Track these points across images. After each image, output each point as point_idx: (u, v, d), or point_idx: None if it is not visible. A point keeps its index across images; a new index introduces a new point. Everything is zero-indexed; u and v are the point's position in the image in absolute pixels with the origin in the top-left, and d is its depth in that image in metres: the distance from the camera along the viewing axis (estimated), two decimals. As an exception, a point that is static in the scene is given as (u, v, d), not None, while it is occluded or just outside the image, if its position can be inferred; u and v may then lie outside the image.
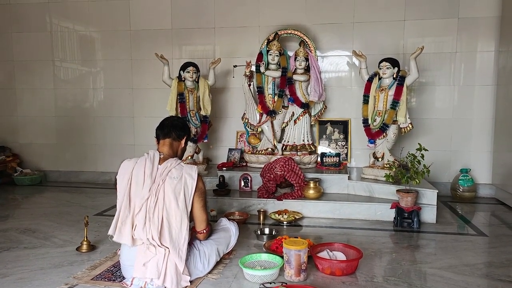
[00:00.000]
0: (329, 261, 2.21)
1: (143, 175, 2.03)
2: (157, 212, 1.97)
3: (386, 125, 3.49)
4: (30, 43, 4.79)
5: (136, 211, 1.99)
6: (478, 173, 4.09)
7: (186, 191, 2.03)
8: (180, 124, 2.27)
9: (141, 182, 2.02)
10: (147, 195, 1.99)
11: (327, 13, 4.22)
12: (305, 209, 3.31)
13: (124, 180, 2.05)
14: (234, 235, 2.36)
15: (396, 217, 3.09)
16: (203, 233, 2.16)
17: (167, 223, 1.97)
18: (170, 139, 2.21)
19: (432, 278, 2.15)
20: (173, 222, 1.99)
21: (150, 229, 1.95)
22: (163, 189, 2.00)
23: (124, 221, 1.99)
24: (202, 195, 2.10)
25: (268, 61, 3.93)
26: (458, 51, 4.05)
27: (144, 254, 1.96)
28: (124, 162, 2.12)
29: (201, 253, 2.14)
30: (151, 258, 1.95)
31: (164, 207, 1.98)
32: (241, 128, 4.31)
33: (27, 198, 4.13)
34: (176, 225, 1.98)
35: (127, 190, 2.02)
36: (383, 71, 3.47)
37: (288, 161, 3.47)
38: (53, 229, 3.01)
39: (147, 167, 2.04)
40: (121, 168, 2.10)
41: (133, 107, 4.66)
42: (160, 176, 2.03)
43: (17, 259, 2.43)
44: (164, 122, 2.28)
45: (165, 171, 2.04)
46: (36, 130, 4.90)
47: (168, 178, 2.02)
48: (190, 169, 2.09)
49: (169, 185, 2.01)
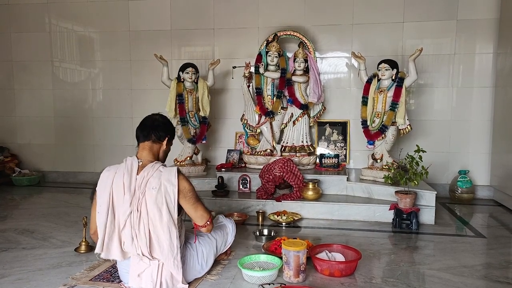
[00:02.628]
0: (328, 262, 2.21)
1: (123, 188, 1.89)
2: (142, 227, 1.86)
3: (385, 126, 3.49)
4: (29, 44, 4.79)
5: (121, 227, 1.88)
6: (477, 174, 4.10)
7: (168, 201, 1.89)
8: (161, 124, 2.06)
9: (121, 195, 1.89)
10: (128, 209, 1.87)
11: (326, 15, 4.23)
12: (304, 210, 3.32)
13: (105, 193, 1.91)
14: (232, 232, 2.34)
15: (395, 219, 3.10)
16: (207, 226, 2.04)
17: (155, 236, 1.88)
18: (149, 142, 2.02)
19: (431, 280, 2.16)
20: (161, 235, 1.87)
21: (139, 244, 1.87)
22: (145, 202, 1.87)
23: (111, 237, 1.89)
24: (189, 193, 1.95)
25: (267, 62, 3.94)
26: (457, 53, 4.07)
27: (137, 265, 1.90)
28: (103, 172, 1.97)
29: (199, 254, 2.11)
30: (145, 268, 1.90)
31: (150, 222, 1.87)
32: (240, 129, 4.31)
33: (26, 198, 4.12)
34: (165, 237, 1.87)
35: (110, 204, 1.89)
36: (382, 72, 3.48)
37: (287, 162, 3.47)
38: (51, 229, 3.01)
39: (125, 179, 1.90)
40: (100, 180, 1.95)
41: (132, 107, 4.66)
42: (139, 189, 1.89)
43: (15, 259, 2.42)
44: (145, 121, 2.07)
45: (143, 182, 1.90)
46: (34, 130, 4.89)
47: (147, 190, 1.88)
48: (169, 173, 1.92)
49: (149, 197, 1.87)
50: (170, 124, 2.13)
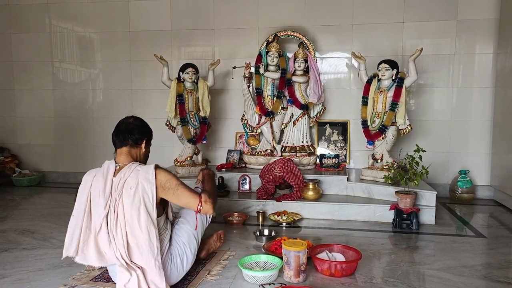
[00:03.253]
0: (328, 262, 2.21)
1: (98, 192, 1.86)
2: (119, 229, 1.82)
3: (385, 126, 3.50)
4: (29, 44, 4.79)
5: (97, 230, 1.84)
6: (477, 174, 4.10)
7: (146, 200, 1.84)
8: (136, 128, 2.01)
9: (97, 198, 1.86)
10: (103, 213, 1.83)
11: (326, 15, 4.23)
12: (304, 210, 3.32)
13: (83, 196, 1.89)
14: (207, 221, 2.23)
15: (395, 219, 3.10)
16: (202, 208, 1.93)
17: (132, 238, 1.83)
18: (127, 148, 1.98)
19: (431, 280, 2.16)
20: (140, 236, 1.82)
21: (117, 247, 1.82)
22: (122, 203, 1.83)
23: (86, 241, 1.84)
24: (167, 184, 1.88)
25: (267, 63, 3.94)
26: (457, 53, 4.07)
27: (122, 274, 1.82)
28: (84, 177, 1.95)
29: (172, 257, 1.99)
30: (129, 279, 1.81)
31: (127, 223, 1.82)
32: (240, 129, 4.31)
33: (26, 199, 4.13)
34: (144, 237, 1.82)
35: (87, 208, 1.86)
36: (382, 72, 3.48)
37: (287, 163, 3.47)
38: (51, 230, 3.01)
39: (100, 183, 1.87)
40: (82, 183, 1.93)
41: (132, 108, 4.65)
42: (115, 191, 1.85)
43: (15, 260, 2.43)
44: (119, 126, 2.02)
45: (120, 184, 1.86)
46: (35, 131, 4.90)
47: (124, 191, 1.84)
48: (146, 171, 1.87)
49: (127, 198, 1.83)
50: (146, 126, 2.07)
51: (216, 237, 2.44)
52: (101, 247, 1.85)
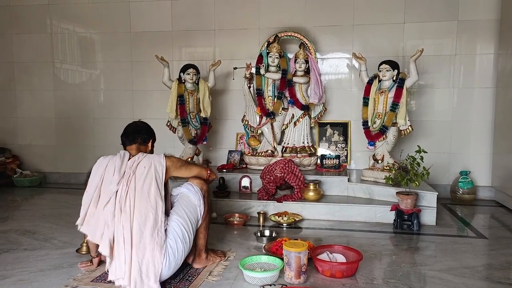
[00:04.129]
0: (329, 263, 2.21)
1: (113, 170, 2.08)
2: (128, 201, 2.00)
3: (386, 127, 3.49)
4: (30, 45, 4.79)
5: (105, 203, 2.02)
6: (478, 175, 4.10)
7: (157, 176, 2.07)
8: (144, 129, 2.29)
9: (111, 176, 2.06)
10: (115, 188, 2.03)
11: (327, 16, 4.23)
12: (305, 211, 3.32)
13: (97, 175, 2.10)
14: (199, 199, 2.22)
15: (396, 219, 3.10)
16: (210, 176, 2.33)
17: (138, 211, 1.98)
18: (136, 145, 2.24)
19: (432, 281, 2.16)
20: (148, 207, 1.99)
21: (121, 219, 1.97)
22: (134, 178, 2.05)
23: (93, 213, 2.03)
24: (178, 163, 2.18)
25: (268, 63, 3.94)
26: (458, 54, 4.07)
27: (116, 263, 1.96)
28: (100, 159, 2.18)
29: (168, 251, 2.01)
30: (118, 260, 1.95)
31: (137, 194, 2.01)
32: (241, 130, 4.32)
33: (27, 199, 4.13)
34: (152, 208, 1.99)
35: (99, 185, 2.07)
36: (383, 73, 3.48)
37: (288, 163, 3.47)
38: (52, 230, 3.01)
39: (117, 163, 2.10)
40: (95, 165, 2.15)
41: (133, 109, 4.66)
42: (130, 169, 2.09)
43: (16, 260, 2.43)
44: (128, 128, 2.29)
45: (134, 164, 2.10)
46: (36, 131, 4.90)
47: (138, 169, 2.08)
48: (158, 156, 2.14)
49: (140, 174, 2.06)
50: (151, 128, 2.35)
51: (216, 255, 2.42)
52: (106, 219, 2.00)
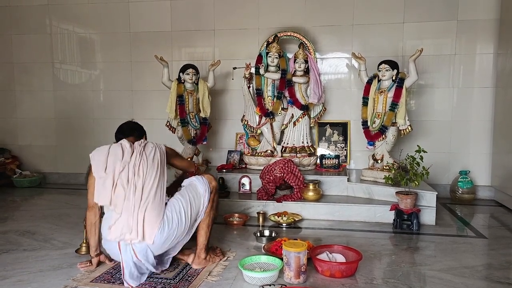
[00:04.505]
0: (329, 263, 2.21)
1: (121, 149, 2.20)
2: (141, 167, 2.15)
3: (385, 127, 3.49)
4: (29, 45, 4.79)
5: (119, 170, 2.14)
6: (477, 175, 4.10)
7: (161, 157, 2.25)
8: (138, 127, 2.46)
9: (120, 153, 2.18)
10: (129, 159, 2.17)
11: (326, 16, 4.23)
12: (305, 211, 3.32)
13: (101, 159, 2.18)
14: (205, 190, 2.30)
15: (396, 219, 3.10)
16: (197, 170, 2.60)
17: (150, 176, 2.15)
18: (133, 138, 2.36)
19: (432, 280, 2.16)
20: (157, 175, 2.17)
21: (134, 181, 2.11)
22: (145, 154, 2.20)
23: (104, 181, 2.13)
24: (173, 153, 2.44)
25: (267, 63, 3.94)
26: (457, 53, 4.07)
27: (110, 218, 2.12)
28: (96, 150, 2.26)
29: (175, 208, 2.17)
30: (116, 220, 2.09)
31: (148, 164, 2.17)
32: (241, 130, 4.32)
33: (27, 200, 4.13)
34: (159, 176, 2.18)
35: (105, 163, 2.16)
36: (382, 73, 3.48)
37: (288, 163, 3.47)
38: (52, 231, 3.01)
39: (123, 145, 2.23)
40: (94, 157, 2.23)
41: (133, 109, 4.66)
42: (139, 146, 2.24)
43: (16, 261, 2.43)
44: (123, 126, 2.45)
45: (142, 144, 2.26)
46: (35, 132, 4.90)
47: (146, 147, 2.24)
48: (159, 144, 2.33)
49: (148, 151, 2.22)
50: (143, 128, 2.50)
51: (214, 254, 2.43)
52: (122, 182, 2.12)
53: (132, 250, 2.08)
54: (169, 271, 2.24)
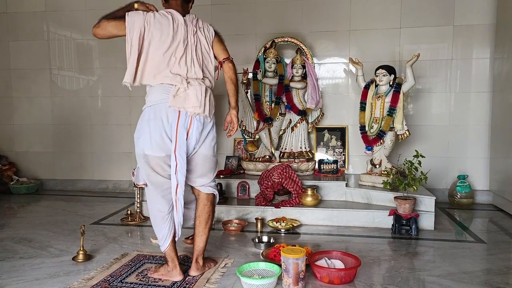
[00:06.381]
0: (327, 269, 2.20)
1: (171, 22, 2.19)
2: (198, 44, 2.30)
3: (383, 132, 3.50)
4: (27, 52, 4.79)
5: (180, 44, 2.19)
6: (476, 179, 4.10)
7: (207, 38, 2.38)
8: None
9: (166, 26, 2.17)
10: (184, 36, 2.22)
11: (323, 21, 4.24)
12: (303, 217, 3.30)
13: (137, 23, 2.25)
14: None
15: (394, 224, 3.09)
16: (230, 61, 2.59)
17: (206, 59, 2.34)
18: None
19: (431, 286, 2.14)
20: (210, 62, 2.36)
21: (192, 53, 2.23)
22: (198, 32, 2.31)
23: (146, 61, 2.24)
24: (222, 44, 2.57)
25: (265, 69, 3.95)
26: (454, 58, 4.08)
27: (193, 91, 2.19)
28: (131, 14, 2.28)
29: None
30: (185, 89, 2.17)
31: (202, 47, 2.33)
32: (239, 136, 4.31)
33: (23, 207, 4.10)
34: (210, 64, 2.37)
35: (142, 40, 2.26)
36: (379, 78, 3.49)
37: (286, 169, 3.47)
38: (49, 238, 2.99)
39: (174, 18, 2.23)
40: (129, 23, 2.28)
41: (130, 115, 4.65)
42: (191, 22, 2.29)
43: (12, 269, 2.41)
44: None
45: (194, 19, 2.33)
46: (32, 138, 4.89)
47: (197, 24, 2.34)
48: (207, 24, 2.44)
49: (199, 31, 2.32)
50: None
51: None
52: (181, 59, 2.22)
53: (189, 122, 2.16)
54: (167, 280, 2.22)
